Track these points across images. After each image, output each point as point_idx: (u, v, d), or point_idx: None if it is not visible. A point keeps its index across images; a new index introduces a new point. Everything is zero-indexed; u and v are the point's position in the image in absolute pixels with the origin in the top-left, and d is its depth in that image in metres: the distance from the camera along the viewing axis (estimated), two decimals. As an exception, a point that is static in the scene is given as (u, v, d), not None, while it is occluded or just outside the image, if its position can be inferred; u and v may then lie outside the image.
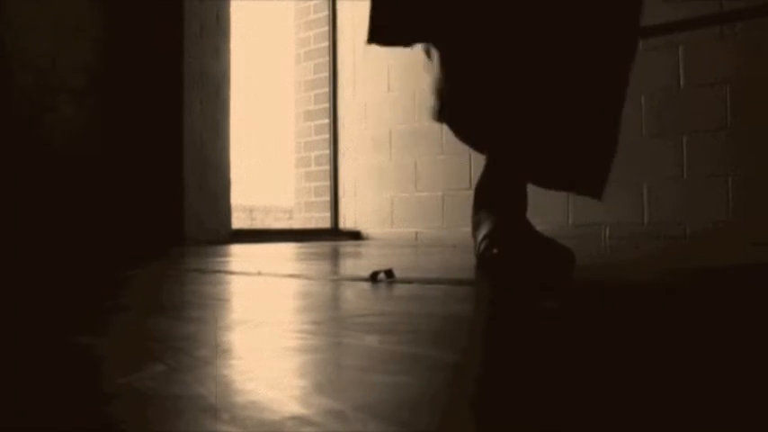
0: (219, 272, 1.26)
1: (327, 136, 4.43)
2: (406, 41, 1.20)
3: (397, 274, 1.08)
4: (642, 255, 1.76)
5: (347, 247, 2.77)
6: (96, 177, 2.84)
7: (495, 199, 1.24)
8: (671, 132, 3.00)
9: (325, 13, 4.48)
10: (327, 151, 4.43)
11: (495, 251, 1.09)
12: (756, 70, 2.77)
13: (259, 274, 1.22)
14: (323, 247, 2.79)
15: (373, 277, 1.03)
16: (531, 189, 1.36)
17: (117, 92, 2.97)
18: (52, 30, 2.77)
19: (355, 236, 4.24)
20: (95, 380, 0.37)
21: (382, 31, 1.17)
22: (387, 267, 1.09)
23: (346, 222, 4.34)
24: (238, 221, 6.04)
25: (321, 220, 4.46)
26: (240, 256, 1.94)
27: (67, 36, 2.82)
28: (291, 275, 1.17)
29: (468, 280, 1.02)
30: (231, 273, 1.24)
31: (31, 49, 2.70)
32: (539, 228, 3.37)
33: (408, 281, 1.00)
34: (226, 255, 2.00)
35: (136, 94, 3.00)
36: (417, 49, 4.09)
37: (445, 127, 4.35)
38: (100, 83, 2.92)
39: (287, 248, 2.61)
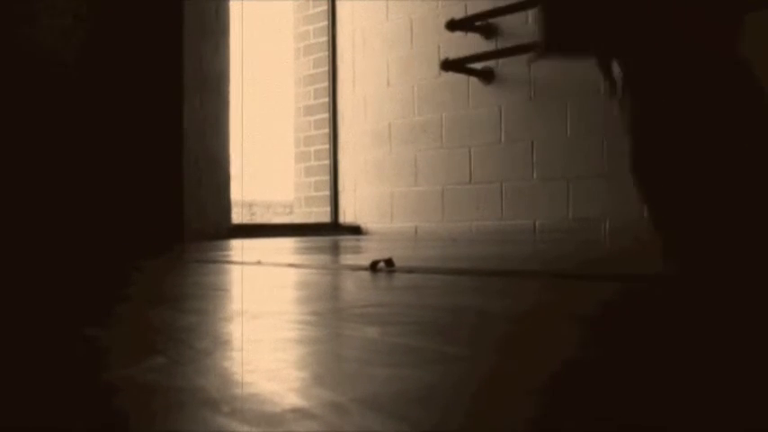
0: (220, 262, 1.26)
1: (327, 131, 4.42)
2: (583, 51, 1.07)
3: (397, 264, 1.08)
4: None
5: (347, 240, 2.77)
6: (97, 175, 2.84)
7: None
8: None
9: (325, 7, 4.46)
10: (327, 146, 4.43)
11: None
12: (758, 66, 2.76)
13: (259, 263, 1.23)
14: (323, 240, 2.79)
15: (373, 266, 1.03)
16: (525, 185, 1.34)
17: (117, 90, 2.97)
18: (50, 25, 2.76)
19: (355, 230, 4.24)
20: (99, 372, 0.38)
21: (560, 43, 1.05)
22: (386, 257, 1.09)
23: (346, 217, 4.34)
24: (238, 216, 6.03)
25: (321, 215, 4.45)
26: (241, 249, 1.94)
27: (65, 28, 2.81)
28: (291, 265, 1.18)
29: (468, 269, 1.02)
30: (232, 263, 1.24)
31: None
32: (539, 222, 3.38)
33: (408, 270, 1.00)
34: (226, 248, 2.00)
35: (136, 90, 2.99)
36: (417, 46, 4.06)
37: (445, 121, 4.29)
38: (99, 81, 2.91)
39: (287, 242, 2.61)
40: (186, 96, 3.01)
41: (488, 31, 3.56)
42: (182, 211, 2.97)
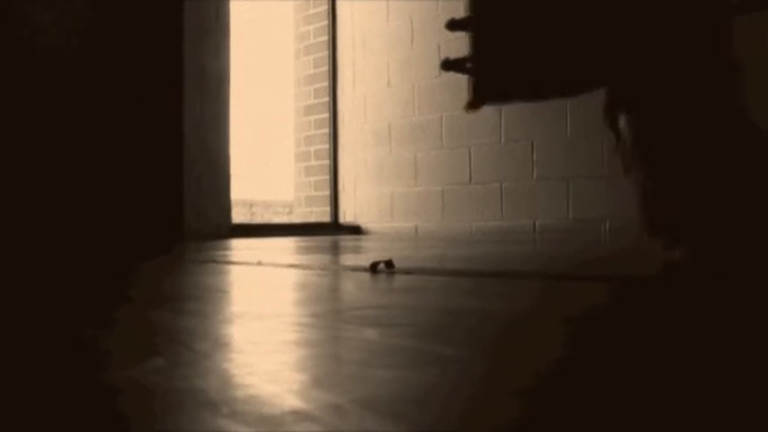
0: (220, 262, 1.26)
1: (327, 130, 4.43)
2: (514, 99, 1.12)
3: (397, 265, 1.09)
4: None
5: (347, 240, 2.78)
6: (97, 176, 2.84)
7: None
8: (671, 126, 2.99)
9: (325, 7, 4.47)
10: (327, 146, 4.43)
11: (678, 252, 0.73)
12: (756, 68, 2.76)
13: (259, 263, 1.23)
14: (323, 240, 2.79)
15: (373, 268, 1.03)
16: (525, 185, 1.34)
17: (117, 91, 2.97)
18: (57, 29, 2.76)
19: (355, 230, 4.25)
20: (99, 374, 0.38)
21: (490, 92, 1.10)
22: (386, 258, 1.09)
23: (346, 216, 4.34)
24: (238, 216, 6.04)
25: (321, 215, 4.46)
26: (241, 249, 1.94)
27: (68, 30, 2.82)
28: (291, 265, 1.18)
29: (468, 271, 1.02)
30: (232, 263, 1.24)
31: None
32: (539, 222, 3.38)
33: (408, 271, 1.00)
34: (226, 248, 2.00)
35: (136, 91, 2.99)
36: (417, 46, 4.06)
37: (445, 121, 4.30)
38: (99, 82, 2.92)
39: (287, 242, 2.61)
40: (186, 97, 3.01)
41: (488, 31, 3.56)
42: (181, 211, 2.97)
